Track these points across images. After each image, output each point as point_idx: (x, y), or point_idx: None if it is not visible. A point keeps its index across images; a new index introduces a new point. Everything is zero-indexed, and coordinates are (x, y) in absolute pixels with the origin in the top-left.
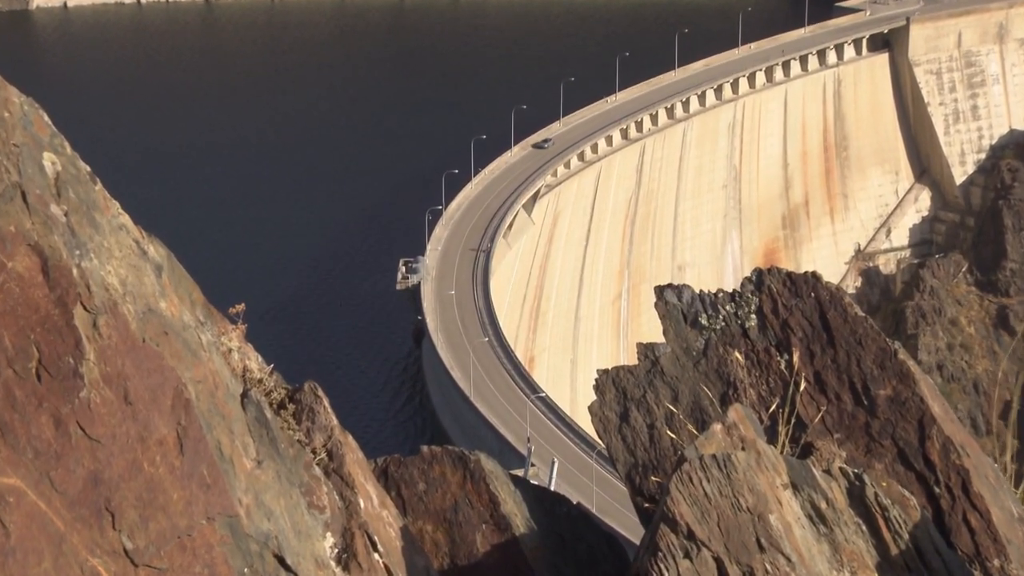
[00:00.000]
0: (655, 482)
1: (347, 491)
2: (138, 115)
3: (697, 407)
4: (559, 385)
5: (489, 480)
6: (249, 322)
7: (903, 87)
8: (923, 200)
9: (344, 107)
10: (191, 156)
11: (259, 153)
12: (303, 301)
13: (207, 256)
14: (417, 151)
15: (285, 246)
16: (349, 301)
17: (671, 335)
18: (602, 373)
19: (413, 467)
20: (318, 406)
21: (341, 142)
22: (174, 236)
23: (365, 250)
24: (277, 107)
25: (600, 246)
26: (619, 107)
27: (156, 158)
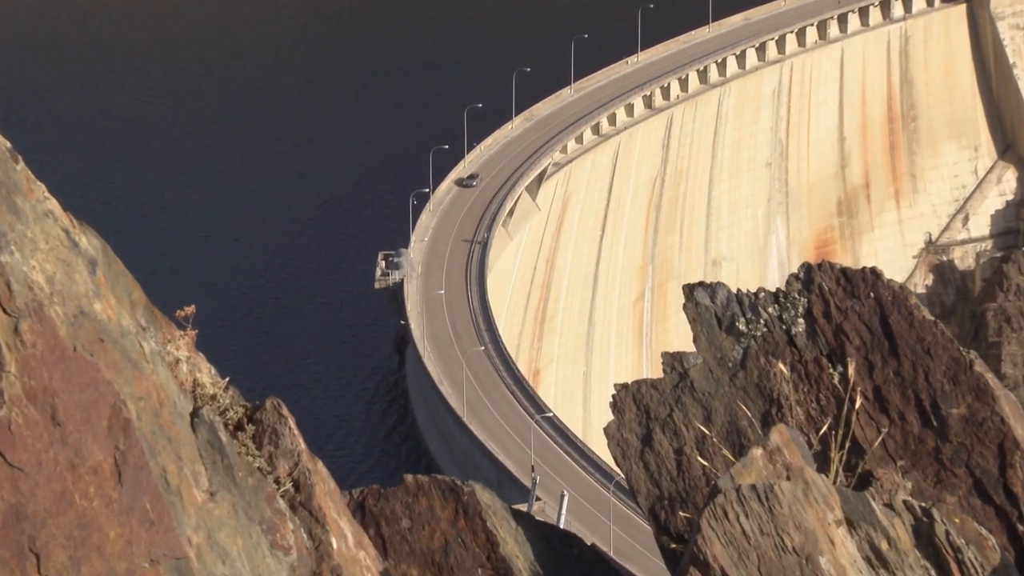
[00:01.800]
0: (684, 518)
1: (317, 528)
2: (66, 84)
3: (733, 429)
4: (569, 403)
5: (486, 516)
6: (200, 327)
7: (983, 45)
8: (1007, 181)
9: (311, 70)
10: (131, 131)
11: (211, 126)
12: (264, 303)
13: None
14: (399, 123)
15: (242, 237)
16: (318, 303)
17: (703, 343)
18: (620, 388)
19: (395, 500)
20: (282, 427)
21: (307, 112)
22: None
23: (337, 242)
24: (231, 70)
25: (619, 236)
26: (641, 70)
27: (89, 133)
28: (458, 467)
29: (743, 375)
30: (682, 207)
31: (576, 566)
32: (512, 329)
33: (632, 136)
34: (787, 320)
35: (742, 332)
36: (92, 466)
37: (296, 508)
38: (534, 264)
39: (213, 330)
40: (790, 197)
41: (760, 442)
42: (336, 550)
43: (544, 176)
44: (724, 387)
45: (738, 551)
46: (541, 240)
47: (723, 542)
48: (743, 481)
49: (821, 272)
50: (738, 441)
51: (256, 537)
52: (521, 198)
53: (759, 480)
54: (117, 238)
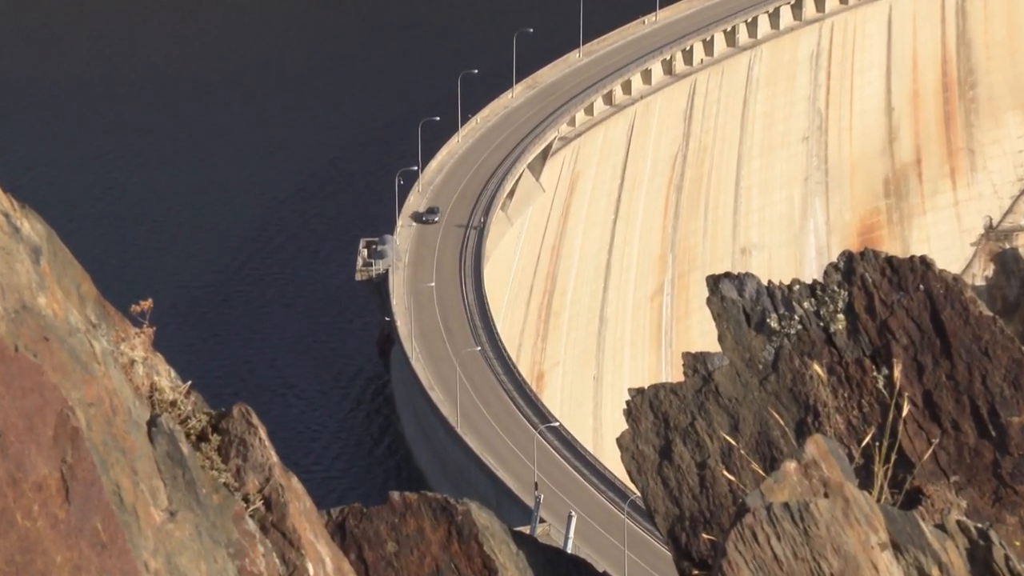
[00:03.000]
0: (707, 541)
1: (291, 552)
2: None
3: (764, 439)
4: (578, 411)
5: (483, 538)
6: (158, 324)
7: None
8: None
9: (281, 30)
10: (79, 99)
11: (169, 95)
12: (230, 297)
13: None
14: (383, 91)
15: (205, 222)
16: (292, 297)
17: (729, 342)
18: (636, 394)
19: (380, 520)
20: (251, 438)
21: (278, 79)
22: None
23: (312, 227)
24: (191, 29)
25: (634, 222)
26: (661, 30)
27: (31, 102)
28: (451, 484)
29: (775, 379)
30: (706, 188)
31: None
32: (512, 327)
33: (649, 106)
34: (825, 316)
35: (774, 330)
36: (36, 482)
37: (267, 529)
38: (537, 253)
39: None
40: (830, 176)
41: (794, 455)
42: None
43: (549, 152)
44: (753, 392)
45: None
46: (545, 225)
47: (752, 568)
48: (775, 499)
49: (864, 261)
50: (769, 453)
51: (222, 562)
52: (523, 177)
53: (793, 498)
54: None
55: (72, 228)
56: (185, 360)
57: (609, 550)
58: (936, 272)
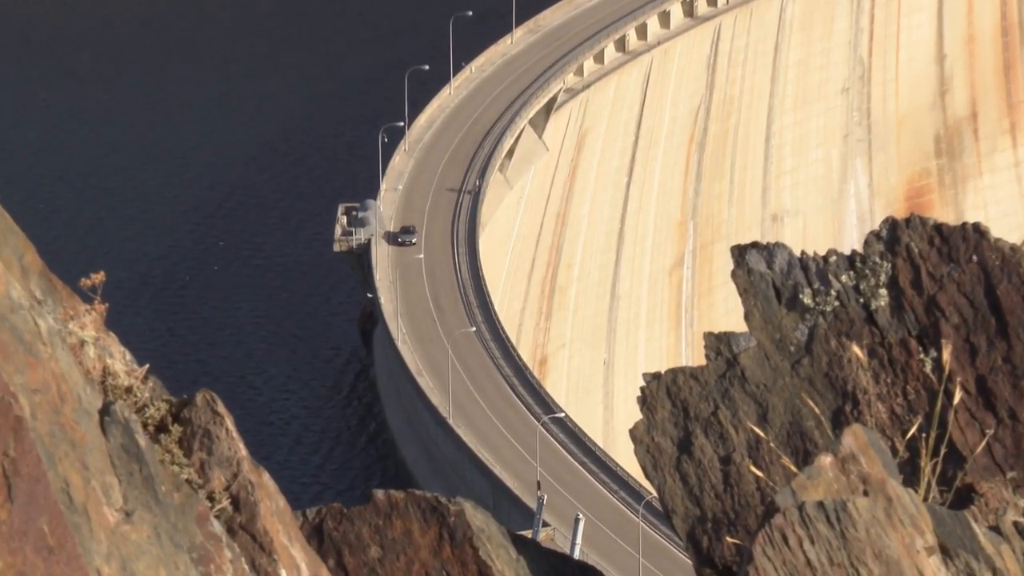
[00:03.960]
0: (731, 545)
1: (262, 558)
2: None
3: (796, 430)
4: (586, 400)
5: (478, 542)
6: (111, 301)
7: None
8: None
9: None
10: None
11: (125, 42)
12: (192, 270)
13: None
14: (366, 37)
15: (165, 186)
16: (262, 270)
17: (757, 320)
18: (651, 379)
19: (362, 522)
20: (217, 428)
21: (247, 24)
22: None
23: (286, 191)
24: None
25: (651, 185)
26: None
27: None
28: (442, 481)
29: (808, 362)
30: (732, 146)
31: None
32: (512, 304)
33: (668, 53)
34: (866, 291)
35: (808, 307)
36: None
37: (235, 532)
38: (540, 220)
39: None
40: (873, 133)
41: (830, 447)
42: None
43: (553, 106)
44: (784, 377)
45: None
46: (550, 189)
47: (782, 575)
48: (808, 497)
49: (910, 229)
50: (802, 446)
51: (184, 568)
52: (524, 135)
53: (828, 496)
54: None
55: (12, 191)
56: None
57: (621, 557)
58: (992, 241)
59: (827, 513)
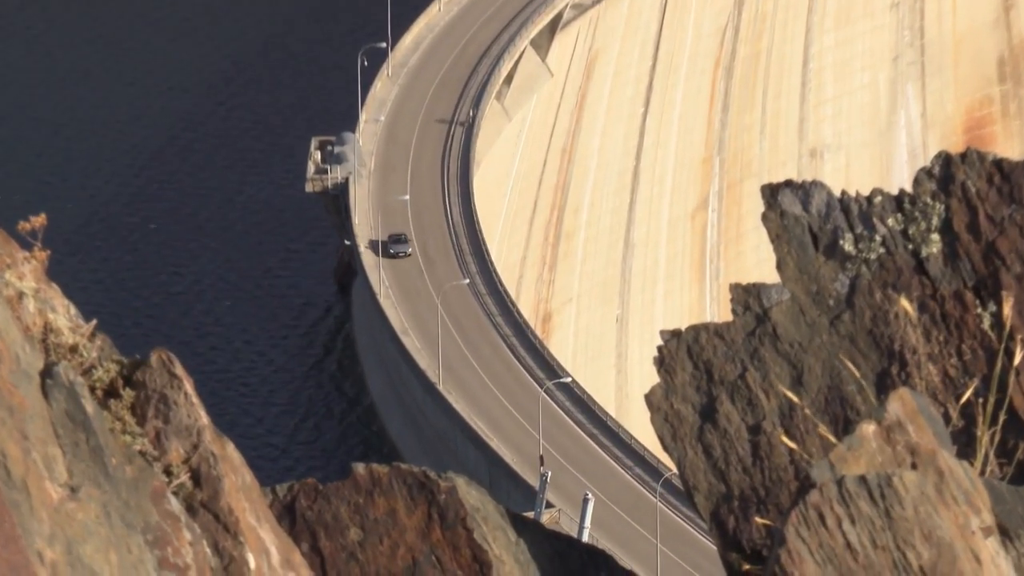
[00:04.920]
0: (761, 526)
1: (226, 540)
2: None
3: (835, 395)
4: (596, 362)
5: (472, 523)
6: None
7: None
8: None
9: None
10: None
11: None
12: (146, 212)
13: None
14: None
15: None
16: (225, 212)
17: (791, 270)
18: (671, 338)
19: (340, 500)
20: (175, 393)
21: None
22: None
23: (251, 123)
24: None
25: (671, 115)
26: None
27: None
28: (431, 455)
29: (849, 317)
30: (764, 71)
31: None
32: (511, 253)
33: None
34: (915, 237)
35: (849, 254)
36: None
37: (195, 510)
38: (543, 157)
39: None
40: (927, 55)
41: (873, 414)
42: (254, 572)
43: (559, 24)
44: (822, 335)
45: (840, 573)
46: (554, 121)
47: (818, 559)
48: (848, 471)
49: (966, 165)
50: (842, 413)
51: (137, 552)
52: (524, 58)
53: (871, 470)
54: None
55: None
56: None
57: (636, 542)
58: None
59: (870, 489)
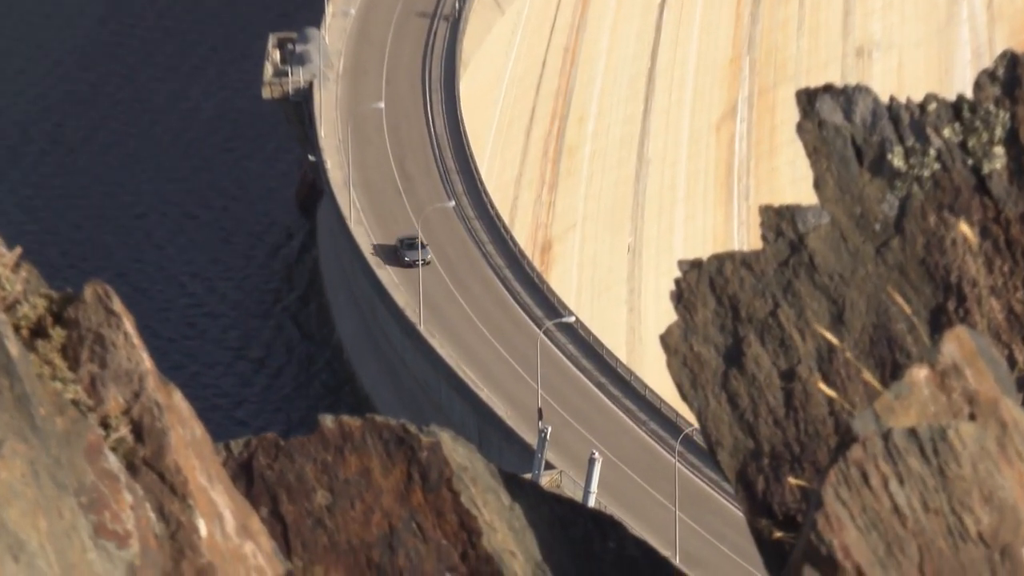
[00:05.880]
0: (794, 487)
1: (172, 503)
2: None
3: (881, 335)
4: (604, 298)
5: (459, 485)
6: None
7: None
8: None
9: None
10: None
11: None
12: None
13: None
14: None
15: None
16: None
17: (831, 190)
18: (690, 268)
19: (305, 458)
20: (113, 333)
21: None
22: None
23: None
24: None
25: (693, 7)
26: None
27: None
28: (410, 407)
29: (899, 244)
30: None
31: (613, 570)
32: (505, 171)
33: None
34: (976, 150)
35: (899, 171)
36: None
37: (137, 469)
38: (543, 57)
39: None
40: None
41: (926, 357)
42: (206, 540)
43: None
44: (866, 265)
45: (886, 540)
46: (555, 14)
47: (860, 525)
48: (896, 423)
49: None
50: (889, 356)
51: (70, 517)
52: None
53: (923, 421)
54: None
55: None
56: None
57: (649, 508)
58: None
59: (921, 443)
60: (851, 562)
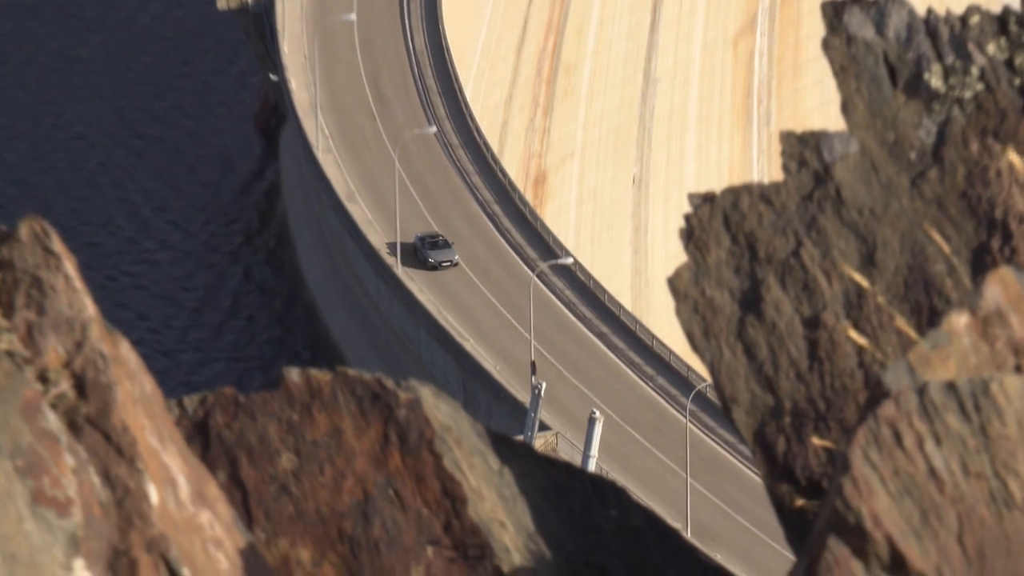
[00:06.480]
0: (818, 449)
1: (119, 467)
2: None
3: (918, 277)
4: (606, 237)
5: (442, 447)
6: None
7: None
8: None
9: None
10: None
11: None
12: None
13: None
14: None
15: None
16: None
17: (861, 114)
18: (702, 203)
19: (268, 417)
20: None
21: None
22: None
23: None
24: None
25: None
26: None
27: None
28: (386, 359)
29: (937, 175)
30: None
31: (615, 542)
32: (493, 92)
33: None
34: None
35: (937, 92)
36: None
37: (80, 428)
38: None
39: None
40: None
41: (967, 301)
42: (157, 508)
43: None
44: (900, 199)
45: (921, 508)
46: None
47: (892, 490)
48: (933, 376)
49: None
50: (926, 301)
51: (5, 482)
52: None
53: (963, 374)
54: None
55: None
56: None
57: (656, 474)
58: None
59: (961, 399)
60: (882, 532)
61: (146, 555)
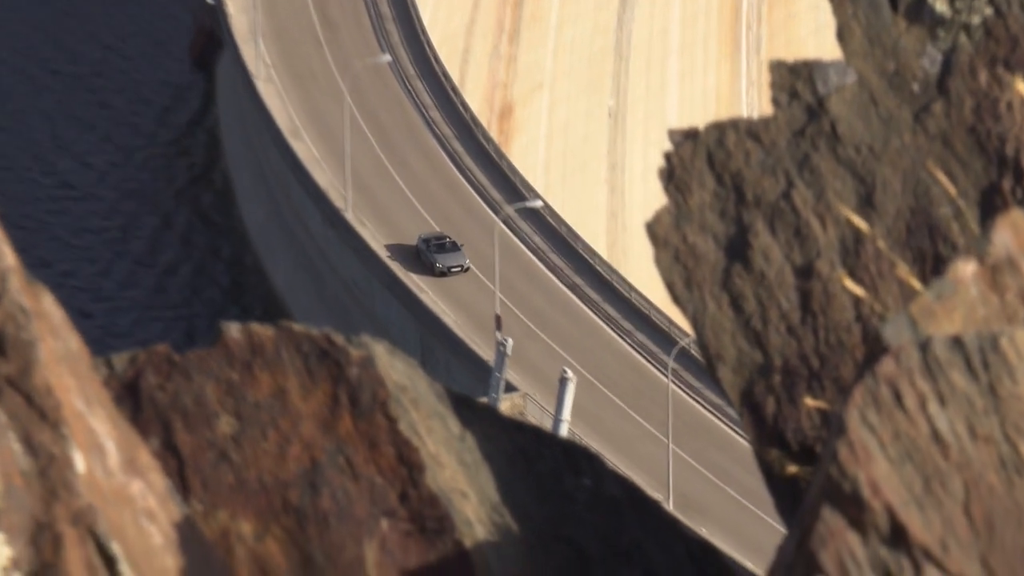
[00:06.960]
0: (811, 410)
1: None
2: None
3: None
4: (579, 176)
5: (397, 409)
6: None
7: None
8: None
9: None
10: None
11: None
12: None
13: None
14: None
15: None
16: None
17: (858, 41)
18: (684, 139)
19: (205, 377)
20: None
21: None
22: None
23: None
24: None
25: None
26: None
27: None
28: (335, 313)
29: (942, 109)
30: None
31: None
32: (454, 16)
33: None
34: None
35: (942, 17)
36: None
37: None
38: None
39: None
40: None
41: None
42: (84, 477)
43: None
44: (902, 135)
45: (923, 474)
46: None
47: (892, 455)
48: (936, 330)
49: None
50: (929, 248)
51: None
52: None
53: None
54: None
55: None
56: None
57: (633, 438)
58: None
59: (967, 355)
60: (880, 501)
61: (72, 529)
